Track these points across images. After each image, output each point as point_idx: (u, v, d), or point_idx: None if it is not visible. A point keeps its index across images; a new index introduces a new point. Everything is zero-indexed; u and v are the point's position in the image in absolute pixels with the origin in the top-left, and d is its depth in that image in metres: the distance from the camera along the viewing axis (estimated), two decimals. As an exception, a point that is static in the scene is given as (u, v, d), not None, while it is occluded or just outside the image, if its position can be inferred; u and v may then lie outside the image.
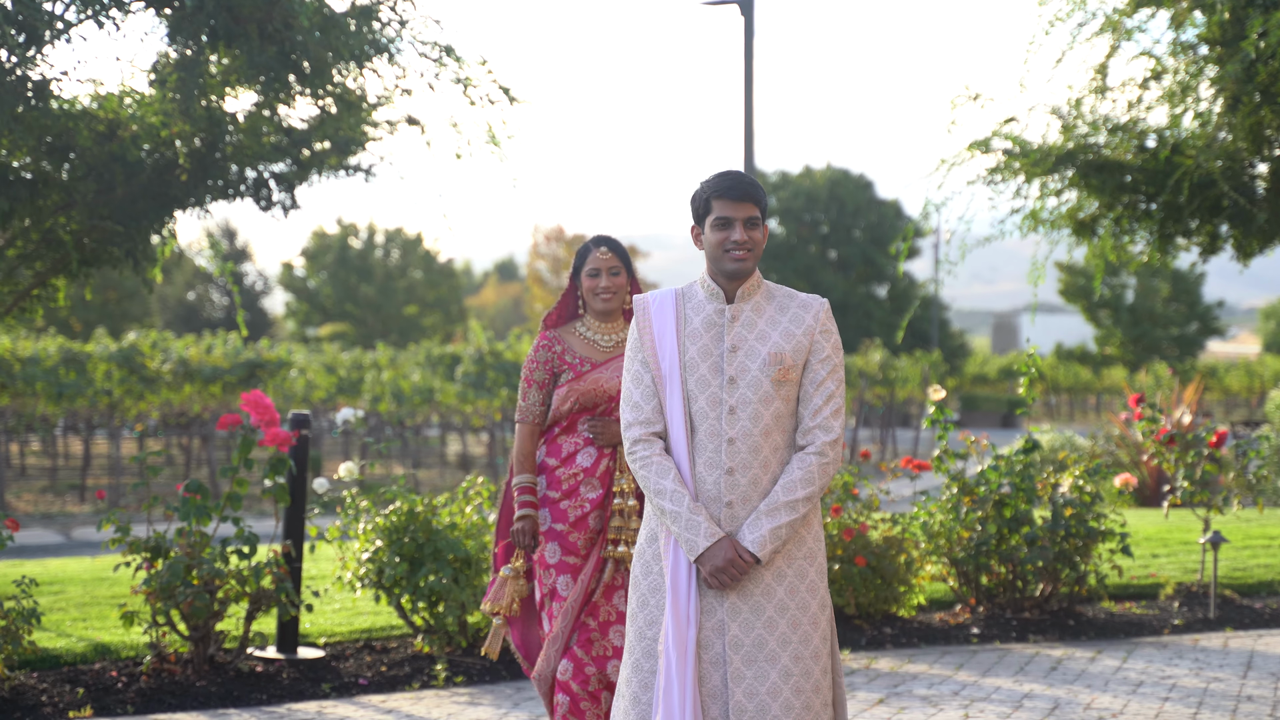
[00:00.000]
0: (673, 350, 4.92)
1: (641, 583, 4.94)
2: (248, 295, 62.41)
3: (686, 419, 4.88)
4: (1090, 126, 13.83)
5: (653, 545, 4.94)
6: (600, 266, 6.44)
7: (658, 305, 5.03)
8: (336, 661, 8.88)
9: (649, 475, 4.86)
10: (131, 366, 25.85)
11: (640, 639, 4.89)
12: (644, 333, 4.99)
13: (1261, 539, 13.87)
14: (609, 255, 6.45)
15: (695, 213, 4.99)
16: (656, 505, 4.85)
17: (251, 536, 8.29)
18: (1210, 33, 13.02)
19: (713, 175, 4.99)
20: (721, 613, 4.79)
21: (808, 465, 4.82)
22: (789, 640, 4.79)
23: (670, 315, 4.98)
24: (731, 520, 4.81)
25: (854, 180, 63.44)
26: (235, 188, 11.19)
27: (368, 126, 11.49)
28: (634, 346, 5.00)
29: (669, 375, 4.91)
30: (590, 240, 6.57)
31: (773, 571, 4.81)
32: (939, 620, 10.29)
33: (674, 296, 5.04)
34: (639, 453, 4.90)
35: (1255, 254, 14.43)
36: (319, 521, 14.89)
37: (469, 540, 8.96)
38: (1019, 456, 10.31)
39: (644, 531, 4.98)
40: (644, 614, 4.91)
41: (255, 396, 8.36)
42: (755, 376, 4.85)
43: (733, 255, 4.89)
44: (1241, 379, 60.91)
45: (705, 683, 4.77)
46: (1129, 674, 8.84)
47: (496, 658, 8.12)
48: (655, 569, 4.91)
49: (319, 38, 10.17)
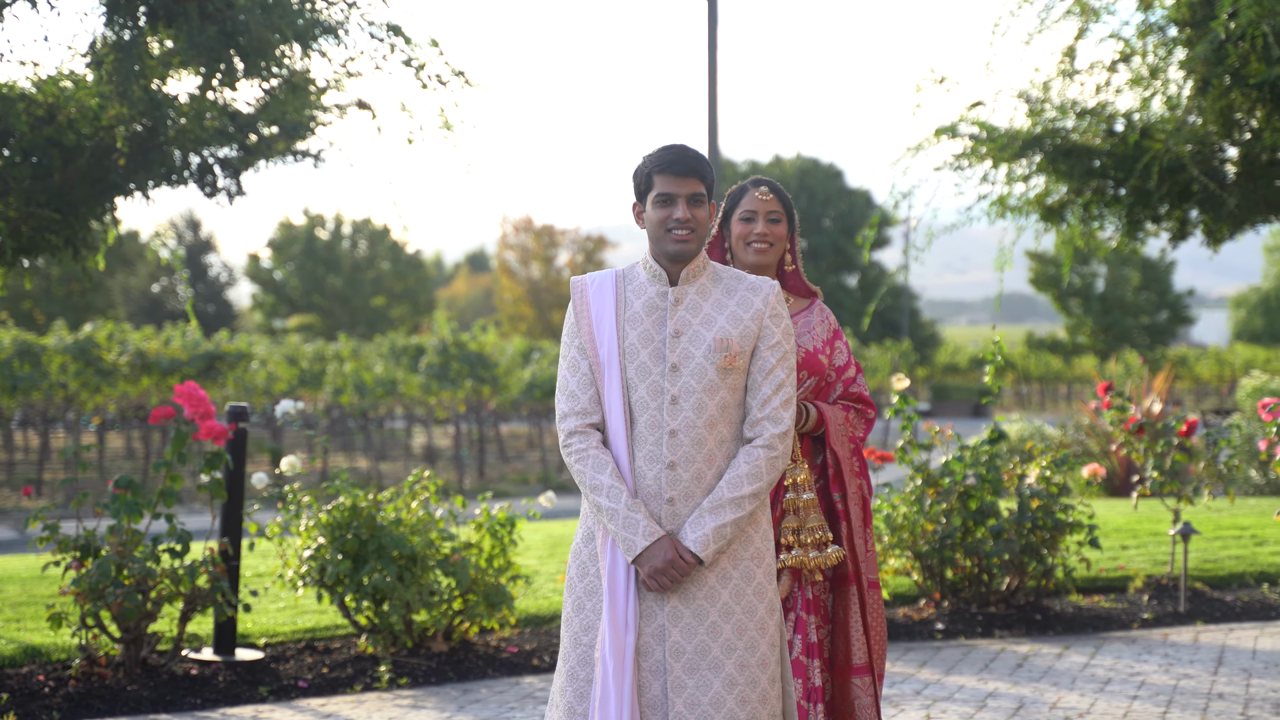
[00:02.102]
0: (611, 335, 4.60)
1: (578, 585, 4.62)
2: (212, 287, 61.87)
3: (626, 409, 4.56)
4: (1058, 110, 13.57)
5: (589, 545, 4.62)
6: (758, 210, 5.52)
7: (596, 287, 4.70)
8: (276, 663, 8.55)
9: (584, 470, 4.53)
10: (88, 359, 25.46)
11: (576, 645, 4.57)
12: (581, 316, 4.66)
13: (1233, 530, 13.63)
14: (770, 197, 5.54)
15: (637, 189, 4.67)
16: (593, 502, 4.53)
17: (184, 534, 7.94)
18: (1179, 14, 12.77)
19: (656, 149, 4.67)
20: (662, 617, 4.48)
21: (755, 460, 4.51)
22: (734, 647, 4.48)
23: (610, 298, 4.65)
24: (673, 518, 4.50)
25: (824, 169, 63.20)
26: (179, 174, 10.85)
27: (317, 111, 11.15)
28: (570, 331, 4.67)
29: (607, 362, 4.59)
30: (749, 180, 5.63)
31: (717, 573, 4.50)
32: (903, 616, 10.00)
33: (614, 278, 4.72)
34: (574, 445, 4.57)
35: (1225, 239, 14.21)
36: (261, 517, 14.55)
37: (415, 536, 8.62)
38: (984, 447, 10.02)
39: (580, 530, 4.66)
40: (580, 618, 4.58)
41: (189, 389, 8.03)
42: (699, 364, 4.53)
43: (675, 235, 4.57)
44: (1212, 367, 60.88)
45: (644, 692, 4.46)
46: (1097, 671, 8.56)
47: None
48: (592, 570, 4.59)
49: (261, 17, 9.83)
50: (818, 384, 5.53)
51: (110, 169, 10.36)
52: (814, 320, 5.62)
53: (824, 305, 5.71)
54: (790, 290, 5.71)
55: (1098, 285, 60.04)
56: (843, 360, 5.64)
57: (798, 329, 5.56)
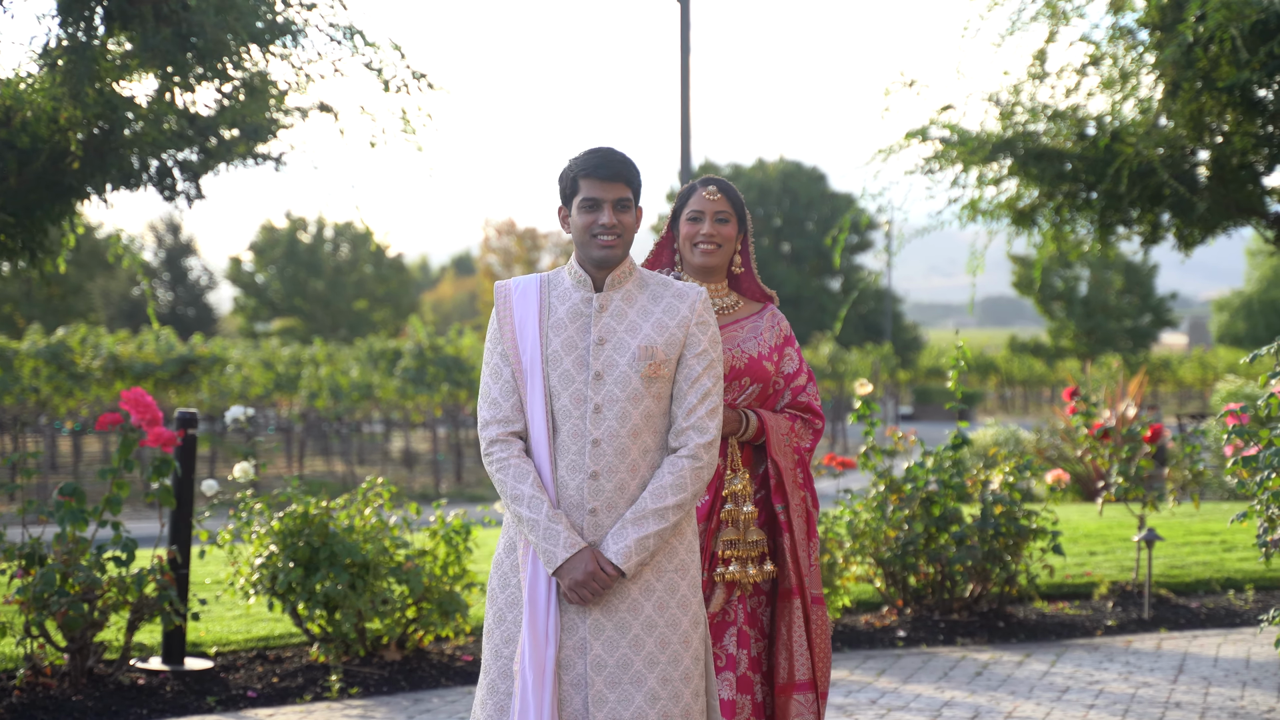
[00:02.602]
0: (534, 342, 4.49)
1: (499, 596, 4.51)
2: (192, 290, 61.60)
3: (548, 418, 4.45)
4: (1029, 114, 13.52)
5: (510, 555, 4.51)
6: (705, 210, 5.33)
7: (520, 292, 4.60)
8: (226, 672, 8.44)
9: (505, 479, 4.43)
10: (60, 363, 25.29)
11: (496, 658, 4.47)
12: (504, 322, 4.56)
13: (1203, 535, 13.56)
14: (718, 196, 5.35)
15: (562, 193, 4.57)
16: (514, 512, 4.42)
17: (129, 542, 7.82)
18: (1150, 17, 12.72)
19: (581, 152, 4.57)
20: (583, 630, 4.38)
21: (679, 470, 4.41)
22: (656, 661, 4.38)
23: (533, 304, 4.55)
24: (595, 529, 4.40)
25: (807, 173, 63.11)
26: (137, 177, 10.74)
27: (279, 114, 11.05)
28: (493, 337, 4.57)
29: (530, 369, 4.48)
30: (698, 180, 5.44)
31: (640, 585, 4.40)
32: (865, 623, 9.92)
33: (538, 283, 4.62)
34: (495, 454, 4.47)
35: (1197, 243, 14.16)
36: (212, 524, 14.40)
37: (367, 544, 8.52)
38: (948, 453, 9.93)
39: (502, 540, 4.56)
40: (500, 630, 4.48)
41: (136, 394, 7.92)
42: (624, 372, 4.43)
43: (600, 240, 4.47)
44: (1195, 371, 60.83)
45: (565, 706, 4.36)
46: (1056, 679, 8.48)
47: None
48: (513, 581, 4.49)
49: (216, 19, 9.72)
50: (763, 391, 5.42)
51: (66, 172, 10.25)
52: (763, 325, 5.50)
53: (778, 311, 5.59)
54: (743, 293, 5.59)
55: (1080, 289, 60.00)
56: (792, 368, 5.52)
57: (743, 333, 5.44)
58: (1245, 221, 13.85)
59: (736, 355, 5.35)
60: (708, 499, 5.27)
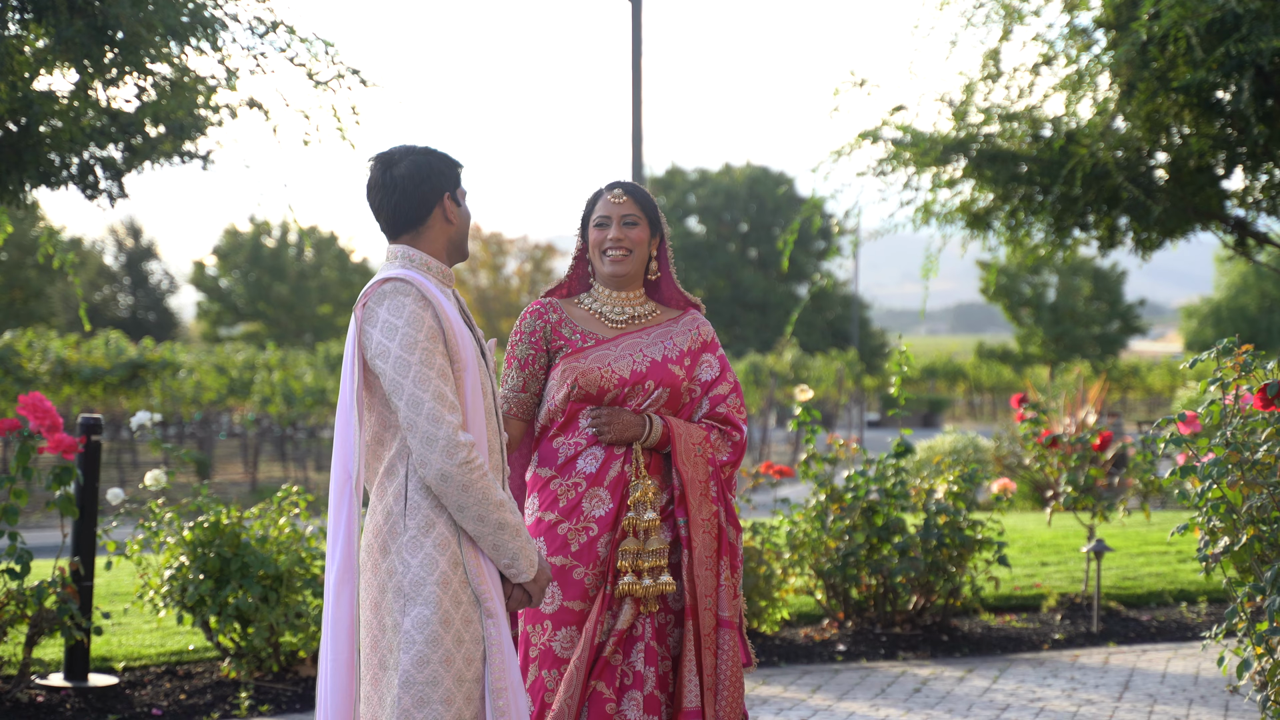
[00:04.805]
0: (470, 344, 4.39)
1: (453, 616, 4.20)
2: (153, 294, 61.00)
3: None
4: (983, 115, 13.25)
5: (457, 570, 4.22)
6: (611, 215, 5.07)
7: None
8: (132, 689, 8.07)
9: (488, 486, 4.16)
10: (7, 367, 24.84)
11: (460, 683, 4.20)
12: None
13: (1159, 545, 13.30)
14: (625, 199, 5.09)
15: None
16: (494, 520, 4.18)
17: (24, 553, 7.46)
18: (1105, 16, 12.47)
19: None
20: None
21: None
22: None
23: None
24: None
25: (774, 178, 62.91)
26: (57, 175, 10.38)
27: (206, 110, 10.69)
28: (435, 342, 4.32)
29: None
30: (604, 185, 5.20)
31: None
32: (804, 636, 9.60)
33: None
34: (477, 460, 4.16)
35: (1155, 247, 13.88)
36: (120, 535, 14.01)
37: (281, 555, 8.17)
38: (890, 461, 9.63)
39: (441, 559, 4.18)
40: (461, 653, 4.20)
41: (34, 399, 7.57)
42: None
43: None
44: (1164, 378, 60.75)
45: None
46: (996, 696, 8.17)
47: None
48: (465, 598, 4.23)
49: (131, 11, 9.36)
50: (674, 397, 5.12)
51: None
52: (675, 330, 5.19)
53: (700, 317, 5.28)
54: (663, 302, 5.30)
55: (1049, 295, 59.83)
56: (710, 375, 5.21)
57: (648, 339, 5.14)
58: (1205, 226, 13.58)
59: (638, 360, 5.07)
60: (612, 507, 4.99)
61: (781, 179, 62.98)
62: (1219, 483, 6.03)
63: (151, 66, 9.88)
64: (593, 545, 4.96)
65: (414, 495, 4.20)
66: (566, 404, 5.01)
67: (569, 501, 4.98)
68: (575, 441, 5.02)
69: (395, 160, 4.36)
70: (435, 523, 4.19)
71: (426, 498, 4.20)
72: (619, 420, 4.98)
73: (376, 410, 4.27)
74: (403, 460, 4.23)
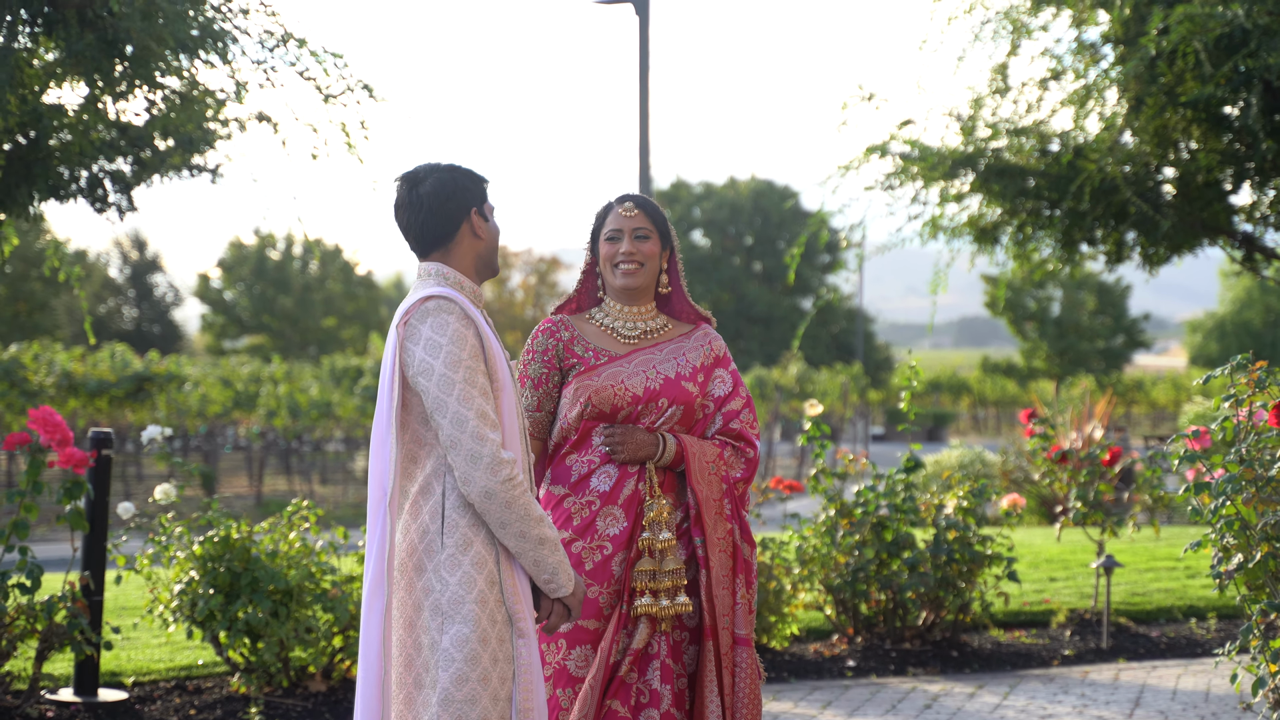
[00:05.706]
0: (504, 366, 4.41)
1: (490, 634, 4.19)
2: (157, 307, 61.02)
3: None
4: (991, 129, 13.24)
5: (494, 589, 4.21)
6: (623, 228, 5.06)
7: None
8: (142, 704, 8.06)
9: (529, 503, 4.17)
10: (13, 380, 24.85)
11: (495, 702, 4.19)
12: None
13: (1167, 561, 13.27)
14: (636, 213, 5.07)
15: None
16: (535, 535, 4.17)
17: (34, 568, 7.46)
18: (1114, 31, 12.47)
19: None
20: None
21: None
22: None
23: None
24: None
25: (779, 191, 62.94)
26: (66, 188, 10.40)
27: (215, 124, 10.70)
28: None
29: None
30: (615, 197, 5.20)
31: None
32: (814, 652, 9.58)
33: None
34: (519, 478, 4.16)
35: (1163, 262, 13.87)
36: (130, 548, 13.97)
37: (292, 570, 8.16)
38: (900, 476, 9.62)
39: (479, 576, 4.18)
40: (497, 671, 4.20)
41: (44, 413, 7.56)
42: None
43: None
44: (1168, 392, 60.72)
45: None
46: (1007, 713, 8.15)
47: None
48: (500, 617, 4.22)
49: (142, 25, 9.38)
50: (688, 414, 5.11)
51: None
52: (687, 346, 5.18)
53: (712, 331, 5.27)
54: (674, 315, 5.29)
55: (1053, 309, 59.84)
56: (723, 391, 5.20)
57: (661, 355, 5.13)
58: (1213, 241, 13.57)
59: (651, 376, 5.06)
60: (626, 525, 4.97)
61: (787, 193, 63.02)
62: (1233, 499, 6.02)
63: (161, 80, 9.89)
64: (607, 564, 4.95)
65: (451, 513, 4.18)
66: (580, 422, 5.01)
67: (583, 520, 4.97)
68: (589, 460, 5.02)
69: (421, 178, 4.36)
70: (472, 541, 4.17)
71: (464, 516, 4.18)
72: (633, 439, 4.98)
73: (411, 428, 4.25)
74: (439, 478, 4.22)
